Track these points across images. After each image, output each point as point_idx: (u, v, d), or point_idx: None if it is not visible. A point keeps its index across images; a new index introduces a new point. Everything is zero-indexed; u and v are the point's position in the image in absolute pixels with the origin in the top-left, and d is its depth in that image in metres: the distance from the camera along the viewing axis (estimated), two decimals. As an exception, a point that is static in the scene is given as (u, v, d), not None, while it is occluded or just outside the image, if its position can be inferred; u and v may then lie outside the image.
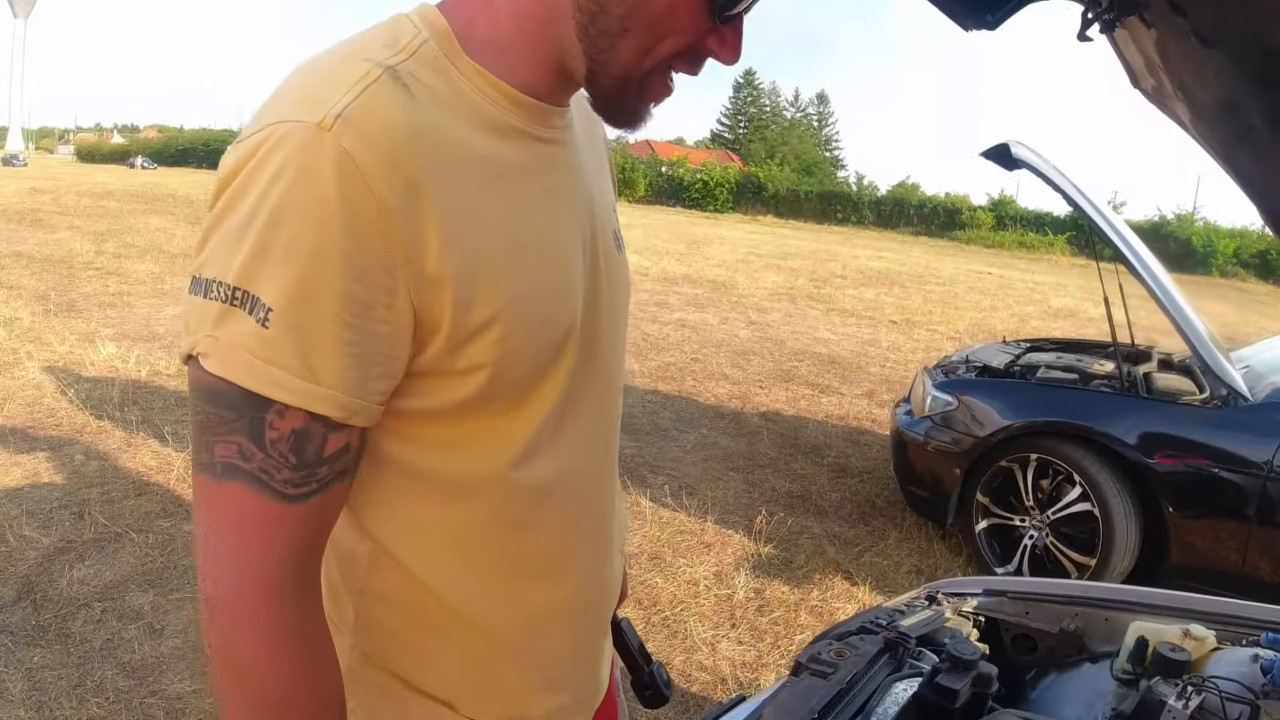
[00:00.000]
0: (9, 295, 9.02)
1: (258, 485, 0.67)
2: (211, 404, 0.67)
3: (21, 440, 4.82)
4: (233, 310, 0.65)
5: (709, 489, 4.73)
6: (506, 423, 0.81)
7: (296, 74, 0.74)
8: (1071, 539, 3.84)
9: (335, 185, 0.64)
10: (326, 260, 0.65)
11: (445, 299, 0.71)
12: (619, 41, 0.74)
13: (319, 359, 0.66)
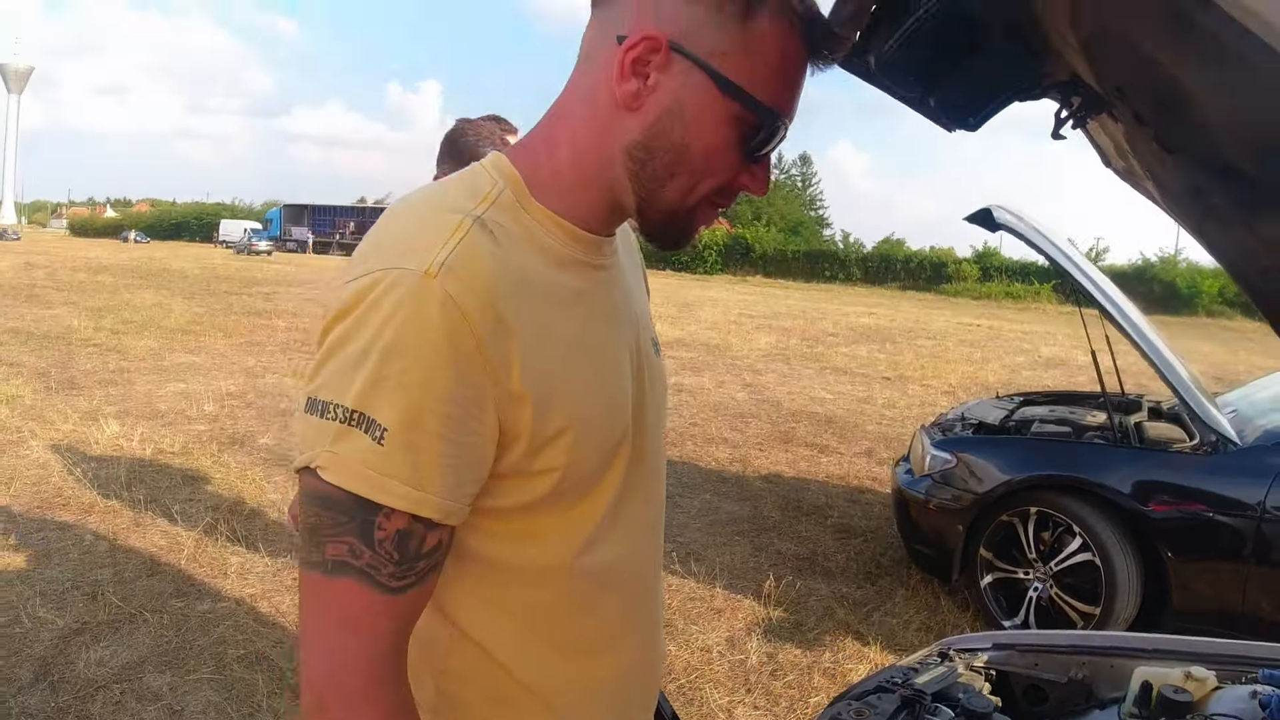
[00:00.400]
0: (9, 372, 9.11)
1: (366, 580, 0.77)
2: (325, 509, 0.77)
3: (30, 520, 4.86)
4: (350, 430, 0.75)
5: (716, 554, 4.78)
6: (572, 517, 0.91)
7: (395, 220, 0.86)
8: (1075, 589, 3.90)
9: (441, 325, 0.76)
10: (433, 388, 0.76)
11: (525, 413, 0.82)
12: (666, 184, 0.87)
13: (425, 470, 0.76)
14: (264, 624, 3.75)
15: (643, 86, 0.84)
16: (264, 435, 6.93)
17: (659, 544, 1.10)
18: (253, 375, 9.62)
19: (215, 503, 5.18)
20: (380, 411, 0.75)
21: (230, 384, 8.97)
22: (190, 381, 9.07)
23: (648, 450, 1.02)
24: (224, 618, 3.79)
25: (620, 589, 0.99)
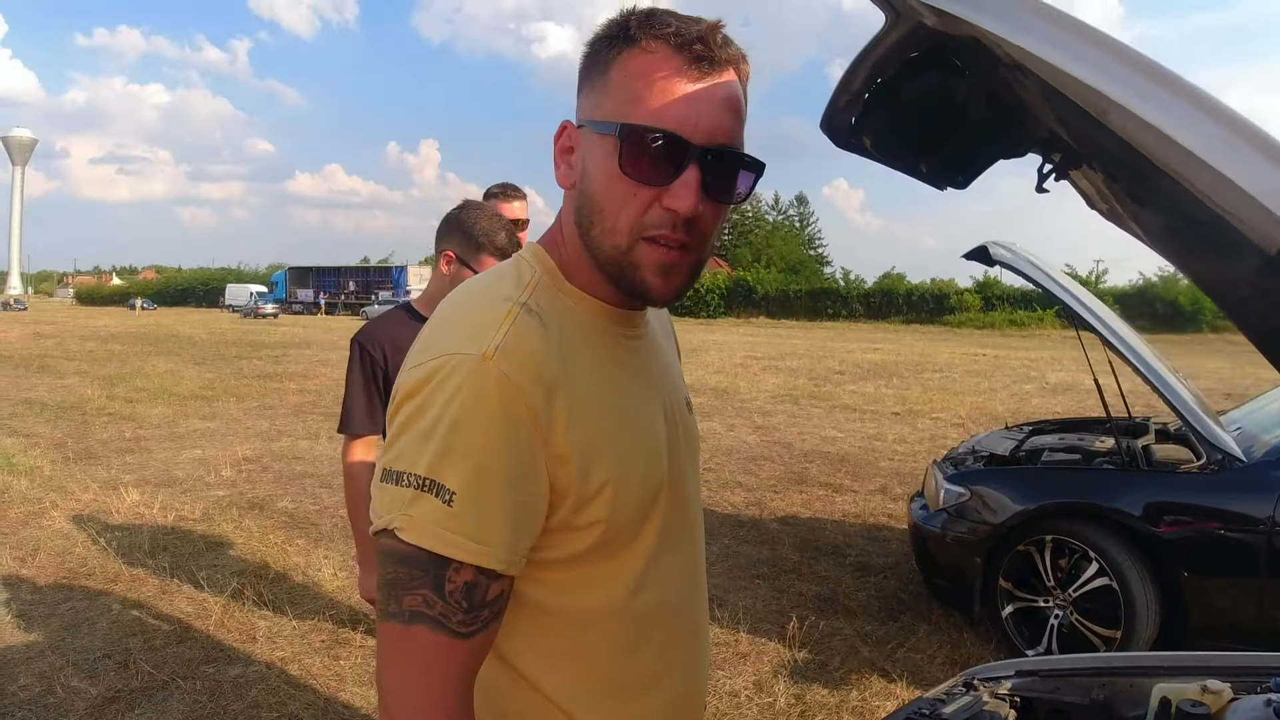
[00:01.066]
0: (27, 444, 9.21)
1: (439, 627, 0.87)
2: (402, 566, 0.87)
3: (57, 590, 4.90)
4: (423, 495, 0.86)
5: (738, 599, 4.81)
6: (618, 564, 1.00)
7: (454, 311, 0.98)
8: (1095, 614, 3.94)
9: (498, 399, 0.87)
10: (493, 454, 0.87)
11: (571, 472, 0.92)
12: (594, 235, 0.96)
13: (488, 526, 0.87)
14: (296, 686, 3.79)
15: (569, 167, 1.00)
16: (283, 499, 6.99)
17: (701, 586, 1.18)
18: (267, 439, 9.70)
19: (240, 567, 5.24)
20: (448, 477, 0.86)
21: (246, 448, 9.05)
22: (206, 447, 9.16)
23: (685, 499, 1.12)
24: (255, 682, 3.83)
25: (664, 628, 1.06)
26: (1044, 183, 1.43)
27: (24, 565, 5.29)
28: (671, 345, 1.28)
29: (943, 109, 1.13)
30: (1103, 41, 0.75)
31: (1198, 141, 0.72)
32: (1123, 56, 0.74)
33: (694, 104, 0.90)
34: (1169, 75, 0.73)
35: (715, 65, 0.92)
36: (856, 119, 1.11)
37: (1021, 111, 1.20)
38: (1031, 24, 0.77)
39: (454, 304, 1.00)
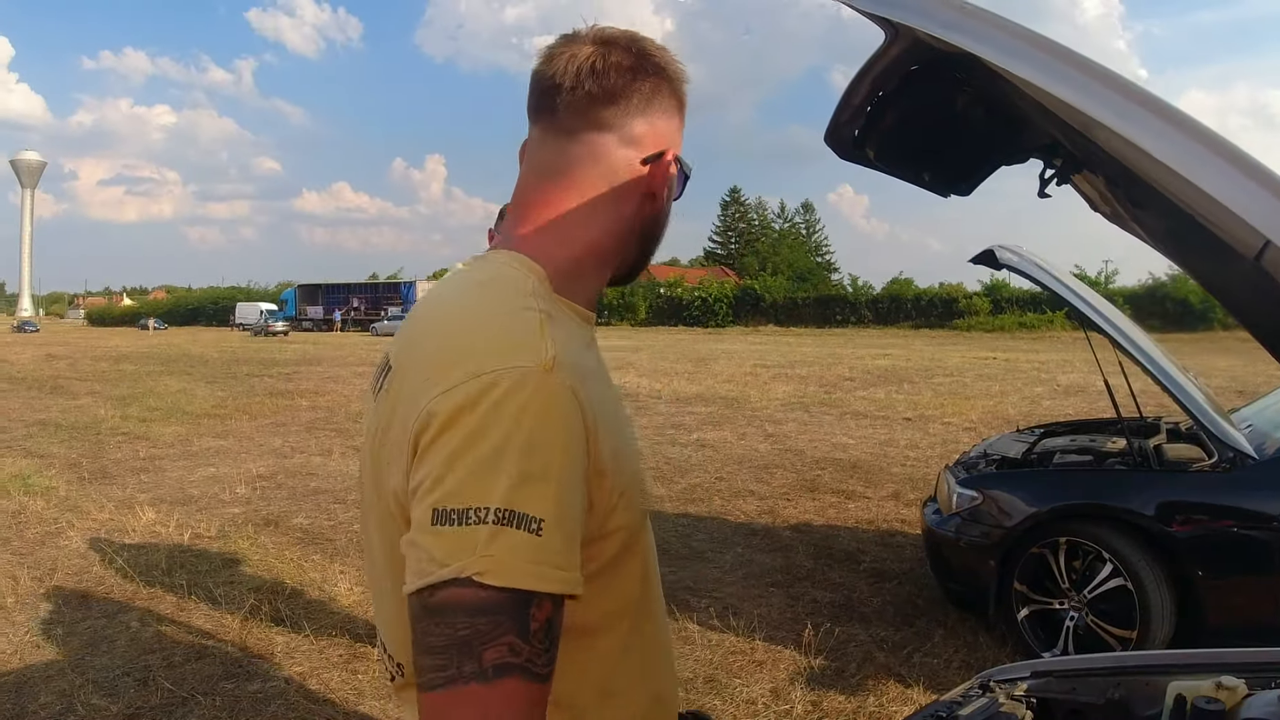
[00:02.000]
0: (42, 465, 9.27)
1: (528, 675, 0.77)
2: (480, 615, 0.76)
3: (75, 609, 4.94)
4: (503, 529, 0.77)
5: (753, 607, 4.82)
6: (627, 568, 0.97)
7: (472, 321, 0.91)
8: (1110, 615, 3.94)
9: (570, 415, 0.82)
10: (571, 474, 0.81)
11: (605, 484, 0.88)
12: (648, 246, 1.08)
13: (569, 550, 0.80)
14: (315, 701, 3.81)
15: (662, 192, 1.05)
16: (297, 515, 7.03)
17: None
18: (281, 456, 9.76)
19: (256, 584, 5.27)
20: (532, 505, 0.78)
21: (259, 466, 9.11)
22: (220, 465, 9.21)
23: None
24: (274, 697, 3.86)
25: (657, 617, 1.07)
26: (1046, 188, 1.45)
27: (42, 584, 5.33)
28: None
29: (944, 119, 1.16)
30: (1083, 64, 0.79)
31: (1172, 155, 0.76)
32: (1103, 78, 0.78)
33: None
34: (1145, 94, 0.77)
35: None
36: (860, 131, 1.13)
37: (1021, 120, 1.22)
38: (1017, 48, 0.80)
39: (468, 314, 0.93)
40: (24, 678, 4.05)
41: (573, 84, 0.98)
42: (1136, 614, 3.82)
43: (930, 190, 1.43)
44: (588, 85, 0.98)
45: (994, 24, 0.82)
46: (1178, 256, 1.66)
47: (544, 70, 1.01)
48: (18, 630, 4.61)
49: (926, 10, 0.84)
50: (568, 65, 0.99)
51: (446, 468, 0.79)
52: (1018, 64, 0.80)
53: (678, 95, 1.04)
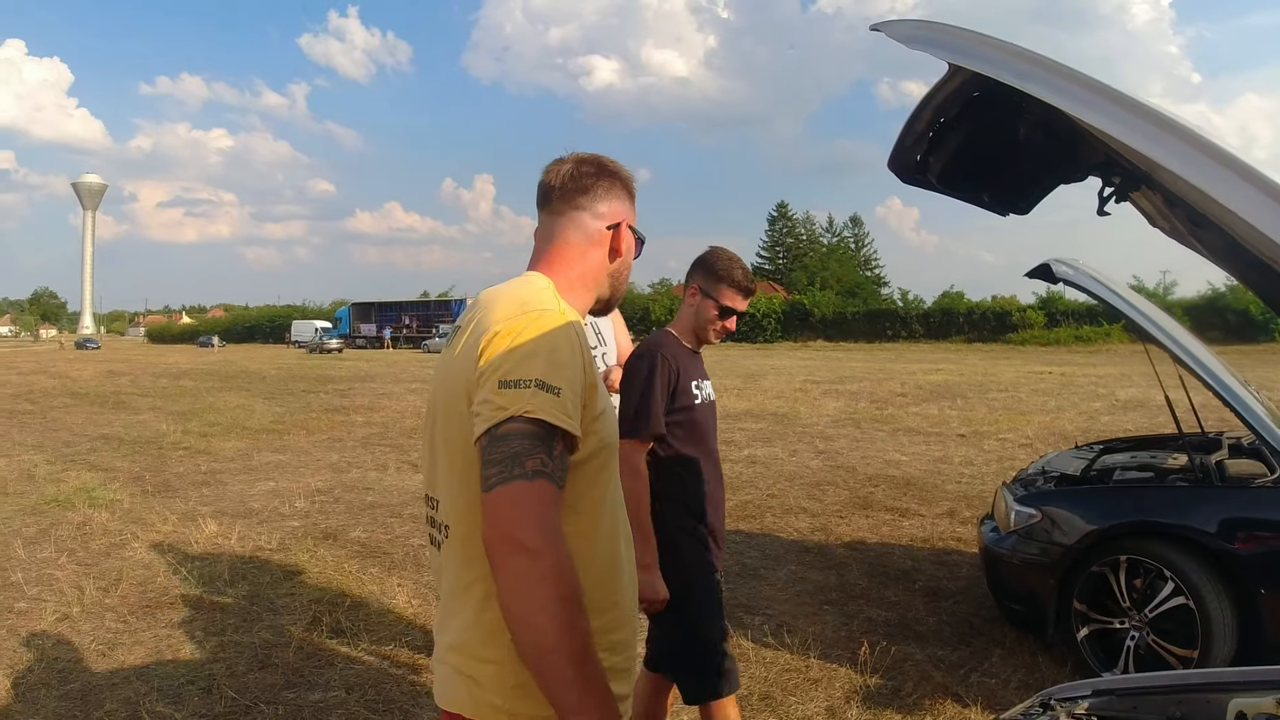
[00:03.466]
0: (106, 478, 9.54)
1: (551, 479, 1.28)
2: (526, 438, 1.28)
3: (140, 619, 5.06)
4: (540, 391, 1.30)
5: (807, 625, 4.80)
6: (606, 472, 1.49)
7: (518, 293, 1.48)
8: (1172, 634, 3.86)
9: (574, 336, 1.40)
10: (576, 369, 1.37)
11: (595, 396, 1.43)
12: (608, 277, 1.68)
13: (574, 412, 1.34)
14: (375, 711, 3.87)
15: (620, 252, 1.67)
16: (355, 529, 7.15)
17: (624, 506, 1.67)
18: (338, 470, 9.93)
19: (316, 596, 5.37)
20: (555, 379, 1.32)
21: (317, 480, 9.28)
22: (279, 479, 9.41)
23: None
24: (335, 707, 3.93)
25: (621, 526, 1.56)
26: (1105, 205, 1.46)
27: (107, 595, 5.48)
28: None
29: (1003, 141, 1.18)
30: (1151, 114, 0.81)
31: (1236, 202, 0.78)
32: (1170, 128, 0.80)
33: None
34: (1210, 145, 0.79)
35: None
36: (922, 156, 1.16)
37: (1079, 140, 1.24)
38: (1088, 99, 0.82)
39: (516, 291, 1.49)
40: (90, 685, 4.17)
41: (560, 184, 1.63)
42: (1198, 633, 3.75)
43: (990, 210, 1.45)
44: (569, 184, 1.63)
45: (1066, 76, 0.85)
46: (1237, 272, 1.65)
47: (544, 179, 1.65)
48: (83, 639, 4.74)
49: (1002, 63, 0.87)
50: (557, 173, 1.64)
51: (506, 356, 1.34)
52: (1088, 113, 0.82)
53: (628, 188, 1.69)
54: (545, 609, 1.22)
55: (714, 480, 2.90)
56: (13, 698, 4.03)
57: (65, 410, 17.46)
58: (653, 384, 2.75)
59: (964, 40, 0.88)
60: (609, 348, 4.02)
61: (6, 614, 5.15)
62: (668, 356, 2.80)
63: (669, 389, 2.78)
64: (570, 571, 1.26)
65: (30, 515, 7.74)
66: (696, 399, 2.82)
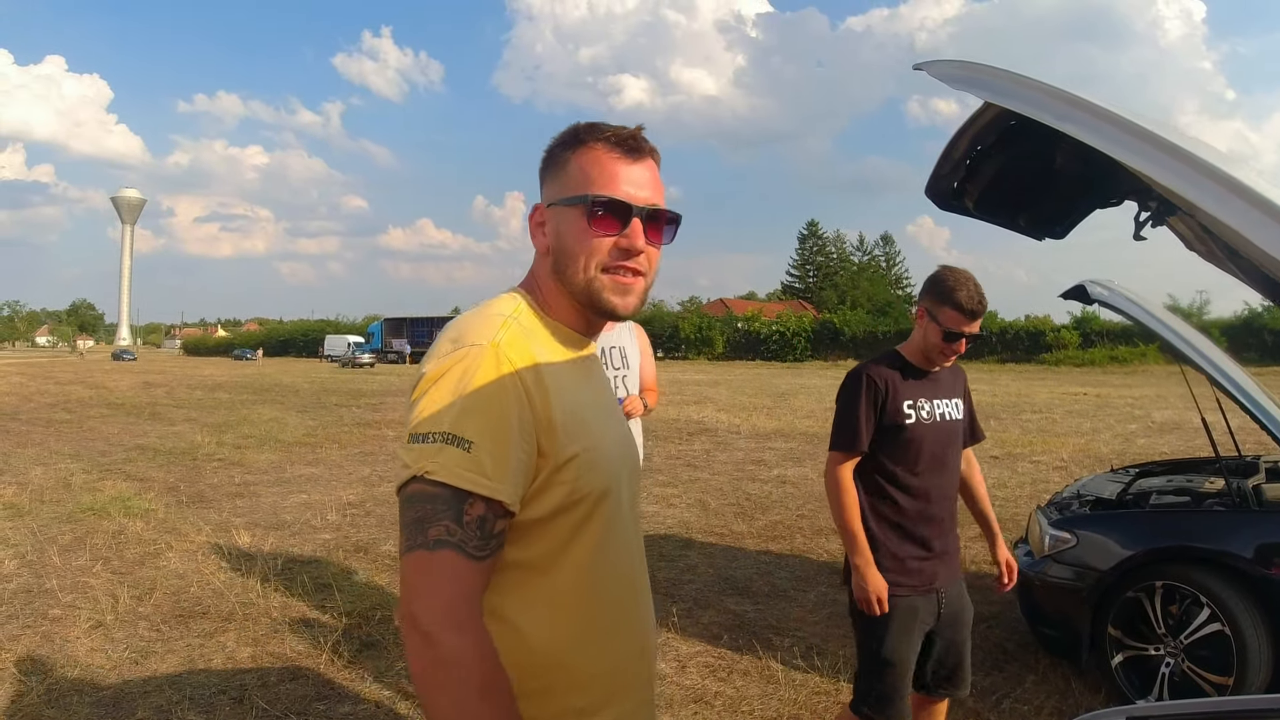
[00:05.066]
0: (141, 488, 9.67)
1: (459, 550, 1.13)
2: (429, 503, 1.14)
3: (173, 628, 5.12)
4: (447, 446, 1.15)
5: (837, 647, 4.75)
6: (585, 531, 1.28)
7: (464, 323, 1.29)
8: (1207, 661, 3.80)
9: (501, 373, 1.20)
10: (498, 415, 1.18)
11: (556, 437, 1.23)
12: (566, 274, 1.33)
13: (496, 468, 1.16)
14: (404, 728, 3.89)
15: (542, 235, 1.38)
16: (386, 542, 7.19)
17: (644, 565, 1.48)
18: (369, 484, 10.00)
19: (348, 608, 5.40)
20: (466, 430, 1.15)
21: (349, 494, 9.35)
22: (312, 492, 9.49)
23: (633, 499, 1.45)
24: (366, 719, 3.95)
25: (622, 582, 1.37)
26: (1141, 230, 1.46)
27: (141, 603, 5.55)
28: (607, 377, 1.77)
29: (1040, 168, 1.18)
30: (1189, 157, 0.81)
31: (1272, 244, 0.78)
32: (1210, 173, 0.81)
33: (631, 179, 1.31)
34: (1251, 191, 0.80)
35: (641, 154, 1.34)
36: (959, 184, 1.17)
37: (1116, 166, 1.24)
38: (1126, 141, 0.83)
39: (464, 321, 1.31)
40: (122, 693, 4.22)
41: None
42: (1233, 660, 3.69)
43: (1027, 234, 1.45)
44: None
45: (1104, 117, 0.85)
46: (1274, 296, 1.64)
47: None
48: (116, 647, 4.80)
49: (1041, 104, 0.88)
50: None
51: (422, 407, 1.19)
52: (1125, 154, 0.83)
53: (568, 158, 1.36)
54: (446, 691, 1.11)
55: (925, 500, 2.85)
56: (45, 703, 4.08)
57: (102, 420, 17.74)
58: (855, 400, 2.82)
59: (1003, 81, 0.88)
60: (631, 370, 3.99)
61: (41, 620, 5.23)
62: (874, 376, 2.84)
63: (876, 407, 2.81)
64: (481, 657, 1.13)
65: (66, 523, 7.87)
66: (909, 419, 2.81)
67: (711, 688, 4.27)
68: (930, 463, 2.84)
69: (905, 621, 2.78)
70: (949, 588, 2.89)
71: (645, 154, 1.34)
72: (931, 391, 2.88)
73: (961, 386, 3.02)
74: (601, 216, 1.29)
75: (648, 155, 1.35)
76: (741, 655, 4.67)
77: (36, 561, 6.56)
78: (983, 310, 2.76)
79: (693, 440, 13.66)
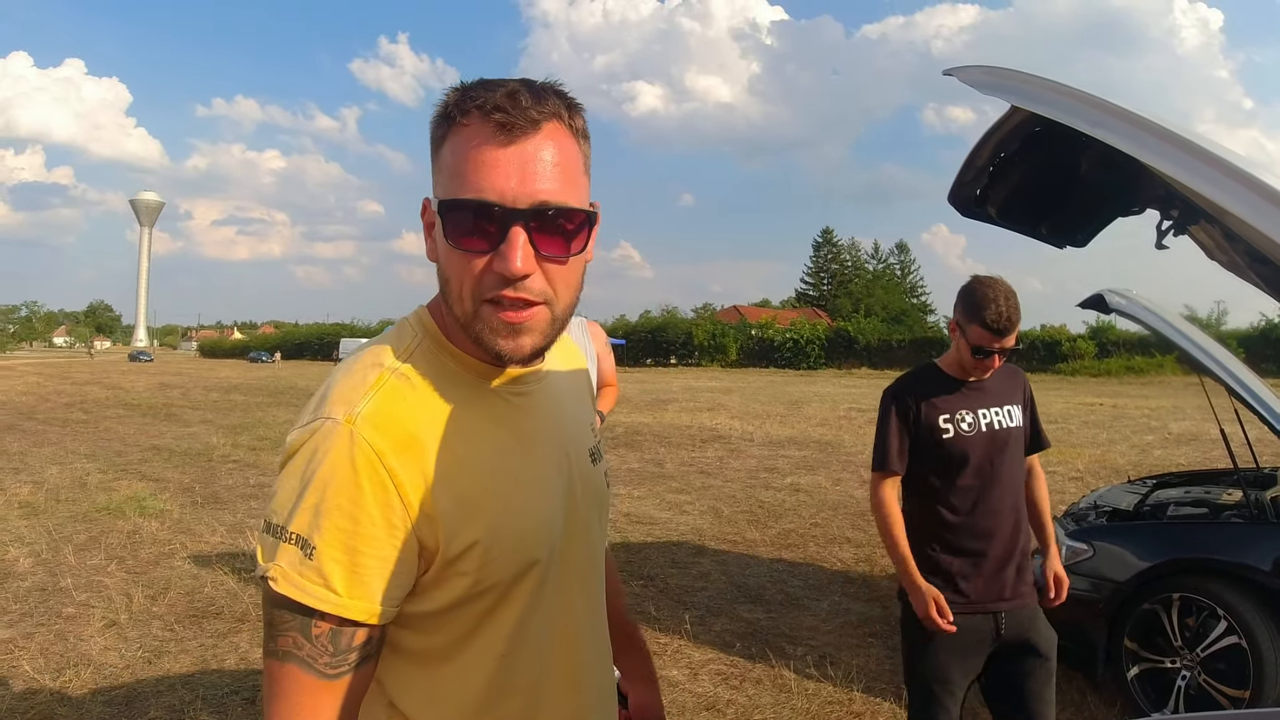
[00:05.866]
0: (157, 488, 9.71)
1: (306, 667, 0.93)
2: (277, 609, 0.93)
3: (186, 627, 5.13)
4: (289, 546, 0.93)
5: (850, 657, 4.73)
6: (495, 617, 1.04)
7: (337, 375, 1.04)
8: (1224, 674, 3.76)
9: (357, 462, 0.94)
10: (350, 513, 0.93)
11: (438, 531, 0.97)
12: (448, 301, 1.02)
13: (346, 580, 0.93)
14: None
15: (430, 240, 1.04)
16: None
17: (594, 638, 1.21)
18: (381, 490, 9.97)
19: (359, 615, 5.39)
20: (310, 532, 0.92)
21: (362, 499, 9.33)
22: (324, 498, 9.47)
23: (578, 557, 1.16)
24: (376, 727, 3.94)
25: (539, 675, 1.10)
26: (1163, 239, 1.44)
27: (155, 603, 5.57)
28: (581, 396, 1.32)
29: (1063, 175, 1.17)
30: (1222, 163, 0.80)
31: None
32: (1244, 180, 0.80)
33: (505, 169, 0.94)
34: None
35: (523, 128, 0.95)
36: (981, 191, 1.16)
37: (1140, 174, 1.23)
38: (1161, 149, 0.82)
39: (339, 370, 1.06)
40: (135, 692, 4.23)
41: None
42: (1250, 673, 3.65)
43: (1048, 242, 1.44)
44: None
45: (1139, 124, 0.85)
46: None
47: None
48: (130, 646, 4.82)
49: (1075, 110, 0.88)
50: None
51: (278, 487, 0.97)
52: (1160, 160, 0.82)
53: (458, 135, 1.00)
54: None
55: (973, 514, 2.75)
56: (58, 701, 4.10)
57: (118, 420, 17.85)
58: (886, 420, 2.82)
59: (1035, 87, 0.87)
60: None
61: (55, 619, 5.26)
62: (903, 393, 2.81)
63: (907, 424, 2.77)
64: None
65: (81, 522, 7.91)
66: (947, 433, 2.72)
67: (724, 696, 4.25)
68: (977, 475, 2.73)
69: (950, 641, 2.64)
70: (1012, 611, 2.73)
71: (531, 125, 0.96)
72: (976, 401, 2.77)
73: (1020, 392, 2.88)
74: (464, 229, 0.96)
75: (539, 125, 0.96)
76: (754, 663, 4.65)
77: (52, 560, 6.60)
78: (1013, 326, 2.61)
79: (705, 447, 13.64)
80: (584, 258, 1.03)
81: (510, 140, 0.94)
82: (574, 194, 0.99)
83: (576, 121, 1.02)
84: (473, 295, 0.97)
